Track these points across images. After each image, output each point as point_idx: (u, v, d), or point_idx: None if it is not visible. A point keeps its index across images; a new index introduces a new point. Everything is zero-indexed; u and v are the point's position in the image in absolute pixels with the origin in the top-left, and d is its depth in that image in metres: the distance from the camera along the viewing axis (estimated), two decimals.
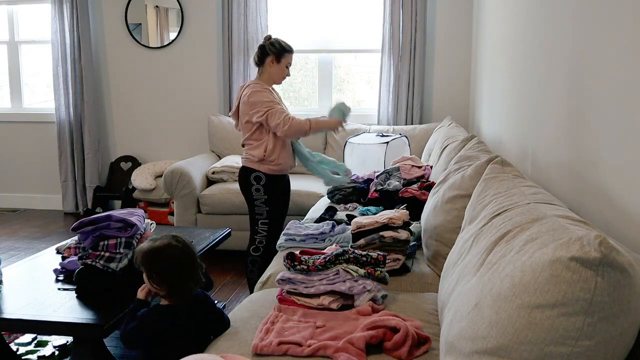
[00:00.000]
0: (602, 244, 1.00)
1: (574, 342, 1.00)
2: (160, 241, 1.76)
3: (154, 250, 1.74)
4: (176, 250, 1.75)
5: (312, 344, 1.59)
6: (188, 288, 1.78)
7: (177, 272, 1.74)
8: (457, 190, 2.16)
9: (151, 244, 1.76)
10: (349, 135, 4.34)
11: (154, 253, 1.74)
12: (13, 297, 2.28)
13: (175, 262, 1.73)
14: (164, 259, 1.73)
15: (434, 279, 2.18)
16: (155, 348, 1.78)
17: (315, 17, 5.03)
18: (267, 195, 3.01)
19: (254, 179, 3.00)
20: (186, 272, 1.76)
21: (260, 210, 3.04)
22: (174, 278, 1.74)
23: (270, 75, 3.04)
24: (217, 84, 5.13)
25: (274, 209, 3.06)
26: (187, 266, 1.76)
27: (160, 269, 1.74)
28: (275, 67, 3.02)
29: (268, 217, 3.04)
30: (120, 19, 5.22)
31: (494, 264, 1.27)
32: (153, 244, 1.75)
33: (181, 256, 1.75)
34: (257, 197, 3.02)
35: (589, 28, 1.80)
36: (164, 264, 1.73)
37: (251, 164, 3.00)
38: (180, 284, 1.76)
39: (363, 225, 2.34)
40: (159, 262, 1.73)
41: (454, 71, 4.82)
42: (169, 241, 1.76)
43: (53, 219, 5.25)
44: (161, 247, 1.74)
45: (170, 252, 1.74)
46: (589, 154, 1.79)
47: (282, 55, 3.01)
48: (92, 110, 5.22)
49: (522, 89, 2.73)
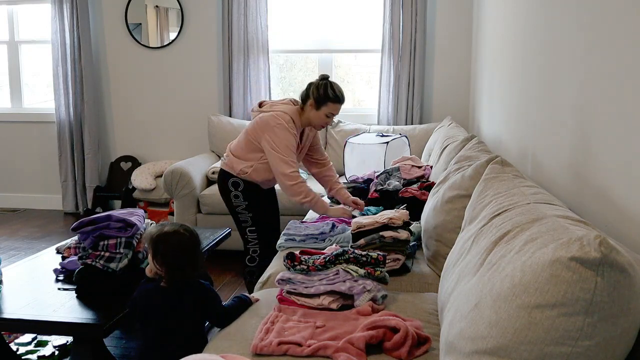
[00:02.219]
0: (602, 244, 1.00)
1: (574, 342, 1.00)
2: (169, 227, 1.90)
3: (162, 234, 1.87)
4: (182, 237, 1.88)
5: (312, 344, 1.59)
6: (186, 273, 1.88)
7: (178, 256, 1.86)
8: (457, 190, 2.16)
9: (161, 228, 1.90)
10: (349, 135, 4.34)
11: (161, 236, 1.87)
12: (13, 297, 2.28)
13: (178, 248, 1.86)
14: (168, 242, 1.86)
15: (434, 279, 2.18)
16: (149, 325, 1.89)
17: (315, 17, 5.03)
18: (247, 201, 2.83)
19: (232, 185, 2.83)
20: (186, 258, 1.87)
21: (244, 218, 2.86)
22: (174, 261, 1.86)
23: (308, 118, 2.79)
24: (217, 84, 5.13)
25: (259, 214, 2.88)
26: (189, 253, 1.88)
27: (163, 251, 1.85)
28: (313, 113, 2.76)
29: (254, 224, 2.86)
30: (120, 19, 5.22)
31: (494, 264, 1.27)
32: (162, 229, 1.90)
33: (185, 243, 1.88)
34: (237, 203, 2.84)
35: (589, 28, 1.80)
36: (168, 247, 1.85)
37: (230, 169, 2.83)
38: (179, 268, 1.86)
39: (363, 225, 2.34)
40: (164, 244, 1.86)
41: (454, 71, 4.82)
42: (177, 229, 1.90)
43: (53, 219, 5.25)
44: (169, 232, 1.88)
45: (176, 237, 1.87)
46: (589, 154, 1.79)
47: (323, 103, 2.73)
48: (92, 110, 5.22)
49: (522, 89, 2.73)
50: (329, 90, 2.72)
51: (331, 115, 2.77)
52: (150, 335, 1.90)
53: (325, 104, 2.74)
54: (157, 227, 1.93)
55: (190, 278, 1.90)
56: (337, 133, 4.69)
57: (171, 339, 1.85)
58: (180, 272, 1.87)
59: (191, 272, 1.89)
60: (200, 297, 1.89)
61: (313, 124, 2.82)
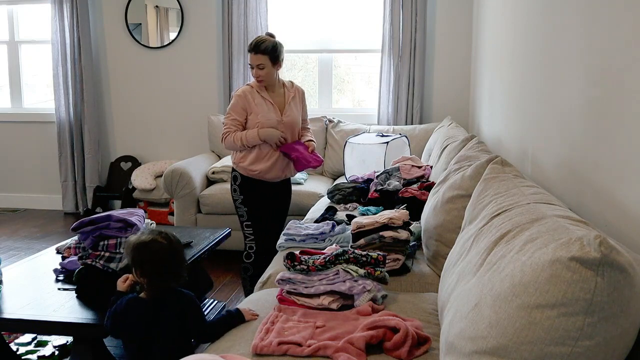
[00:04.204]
0: (602, 244, 1.00)
1: (574, 342, 1.00)
2: (146, 235, 1.84)
3: (138, 243, 1.82)
4: (159, 245, 1.82)
5: (312, 344, 1.59)
6: (165, 283, 1.84)
7: (156, 266, 1.81)
8: (457, 190, 2.16)
9: (138, 236, 1.85)
10: (349, 135, 4.34)
11: (138, 245, 1.82)
12: (13, 297, 2.28)
13: (156, 257, 1.81)
14: (146, 252, 1.81)
15: (434, 279, 2.18)
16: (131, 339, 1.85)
17: (315, 17, 5.04)
18: (243, 196, 2.96)
19: (232, 178, 3.00)
20: (166, 268, 1.82)
21: (241, 212, 2.99)
22: (153, 271, 1.82)
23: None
24: (217, 84, 5.13)
25: (255, 210, 2.97)
26: (168, 263, 1.83)
27: (141, 261, 1.81)
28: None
29: (250, 219, 2.97)
30: (120, 19, 5.22)
31: (493, 264, 1.27)
32: (139, 237, 1.84)
33: (163, 252, 1.82)
34: (235, 197, 2.99)
35: (589, 27, 1.80)
36: (145, 257, 1.81)
37: (233, 163, 3.00)
38: (158, 278, 1.83)
39: (363, 225, 2.33)
40: (142, 254, 1.81)
41: (454, 71, 4.82)
42: (154, 237, 1.83)
43: (53, 219, 5.25)
44: (146, 241, 1.82)
45: (153, 246, 1.81)
46: (589, 154, 1.79)
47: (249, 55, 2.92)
48: (92, 110, 5.22)
49: (522, 88, 2.73)
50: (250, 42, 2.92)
51: (250, 66, 2.90)
52: (133, 350, 1.85)
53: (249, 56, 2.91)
54: (135, 235, 1.88)
55: (171, 287, 1.85)
56: (337, 133, 4.68)
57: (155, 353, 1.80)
58: (161, 282, 1.82)
59: (173, 281, 1.84)
60: (181, 307, 1.83)
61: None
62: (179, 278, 1.86)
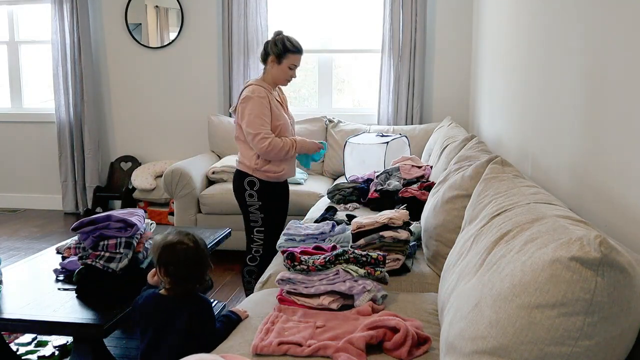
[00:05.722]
0: (602, 244, 1.00)
1: (574, 342, 1.00)
2: (173, 236, 1.82)
3: (164, 244, 1.80)
4: (185, 248, 1.79)
5: (312, 344, 1.59)
6: (189, 286, 1.81)
7: (180, 269, 1.79)
8: (457, 190, 2.16)
9: (165, 236, 1.82)
10: (349, 135, 4.34)
11: (164, 246, 1.80)
12: (13, 297, 2.28)
13: (181, 260, 1.78)
14: (171, 253, 1.79)
15: (434, 279, 2.18)
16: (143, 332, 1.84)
17: (315, 17, 5.04)
18: (262, 202, 2.85)
19: (248, 184, 2.85)
20: (189, 271, 1.80)
21: (255, 217, 2.88)
22: (176, 273, 1.79)
23: (272, 76, 2.84)
24: (217, 84, 5.13)
25: (270, 216, 2.90)
26: (192, 266, 1.80)
27: (166, 262, 1.79)
28: (276, 69, 2.81)
29: (264, 224, 2.88)
30: (120, 19, 5.22)
31: (494, 264, 1.27)
32: (166, 238, 1.82)
33: (188, 255, 1.79)
34: (251, 203, 2.86)
35: (589, 28, 1.80)
36: (170, 258, 1.78)
37: (245, 168, 2.85)
38: (181, 281, 1.80)
39: (363, 225, 2.33)
40: (166, 255, 1.79)
41: (454, 71, 4.82)
42: (181, 238, 1.81)
43: (53, 219, 5.25)
44: (172, 242, 1.80)
45: (179, 248, 1.79)
46: (589, 154, 1.79)
47: (283, 56, 2.78)
48: (92, 110, 5.22)
49: (522, 88, 2.73)
50: (287, 43, 2.80)
51: (293, 67, 2.82)
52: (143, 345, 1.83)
53: (285, 57, 2.79)
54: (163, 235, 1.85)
55: (192, 291, 1.83)
56: (337, 133, 4.68)
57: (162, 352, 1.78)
58: (183, 284, 1.80)
59: (195, 284, 1.82)
60: (196, 312, 1.80)
61: (278, 80, 2.86)
62: (202, 282, 1.84)
